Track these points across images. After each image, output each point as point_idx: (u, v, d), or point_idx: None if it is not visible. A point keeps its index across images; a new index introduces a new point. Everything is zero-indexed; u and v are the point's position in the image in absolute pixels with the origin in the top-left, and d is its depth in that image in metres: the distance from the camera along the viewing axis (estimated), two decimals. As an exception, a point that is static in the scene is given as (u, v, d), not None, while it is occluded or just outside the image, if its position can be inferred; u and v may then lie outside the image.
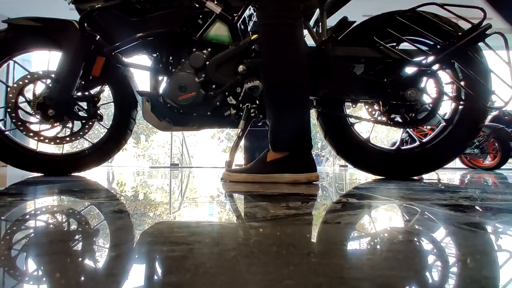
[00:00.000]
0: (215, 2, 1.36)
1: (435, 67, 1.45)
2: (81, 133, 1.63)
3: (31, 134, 1.56)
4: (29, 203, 0.68)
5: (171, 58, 1.40)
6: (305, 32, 1.53)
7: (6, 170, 2.26)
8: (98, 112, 1.62)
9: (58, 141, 1.60)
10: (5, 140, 1.56)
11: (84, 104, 1.60)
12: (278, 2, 1.16)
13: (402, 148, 1.67)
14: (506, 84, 1.39)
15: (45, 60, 1.59)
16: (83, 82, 1.53)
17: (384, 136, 17.08)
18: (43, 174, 1.62)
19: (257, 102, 1.40)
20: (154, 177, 1.79)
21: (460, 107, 1.54)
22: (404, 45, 1.51)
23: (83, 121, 1.62)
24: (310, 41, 1.54)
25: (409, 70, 1.46)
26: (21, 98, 1.53)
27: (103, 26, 1.38)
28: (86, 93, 1.58)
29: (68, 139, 1.62)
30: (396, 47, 1.50)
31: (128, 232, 0.43)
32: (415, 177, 1.65)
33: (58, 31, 1.48)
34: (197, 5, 1.36)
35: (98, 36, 1.47)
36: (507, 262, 0.32)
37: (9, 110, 1.50)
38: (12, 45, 1.53)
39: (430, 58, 1.42)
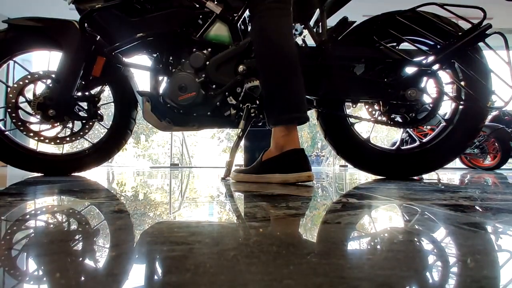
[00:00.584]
0: (215, 2, 1.36)
1: (435, 67, 1.45)
2: (81, 133, 1.64)
3: (31, 134, 1.56)
4: (29, 203, 0.68)
5: (171, 58, 1.40)
6: (305, 32, 1.54)
7: (6, 170, 2.26)
8: (98, 112, 1.63)
9: (58, 141, 1.60)
10: (5, 140, 1.56)
11: (84, 104, 1.60)
12: None
13: (402, 148, 1.67)
14: (506, 84, 1.39)
15: (45, 60, 1.59)
16: (83, 82, 1.53)
17: (384, 136, 17.08)
18: (43, 174, 1.62)
19: (257, 102, 1.40)
20: (154, 177, 1.79)
21: (460, 107, 1.54)
22: (404, 45, 1.52)
23: (84, 121, 1.62)
24: (310, 41, 1.54)
25: (409, 70, 1.46)
26: (21, 98, 1.53)
27: (103, 26, 1.38)
28: (87, 93, 1.58)
29: (68, 139, 1.62)
30: (396, 47, 1.50)
31: (128, 232, 0.43)
32: (415, 177, 1.65)
33: (59, 31, 1.48)
34: (197, 5, 1.36)
35: (99, 36, 1.47)
36: (507, 262, 0.32)
37: (9, 110, 1.50)
38: (12, 45, 1.53)
39: (430, 58, 1.42)
